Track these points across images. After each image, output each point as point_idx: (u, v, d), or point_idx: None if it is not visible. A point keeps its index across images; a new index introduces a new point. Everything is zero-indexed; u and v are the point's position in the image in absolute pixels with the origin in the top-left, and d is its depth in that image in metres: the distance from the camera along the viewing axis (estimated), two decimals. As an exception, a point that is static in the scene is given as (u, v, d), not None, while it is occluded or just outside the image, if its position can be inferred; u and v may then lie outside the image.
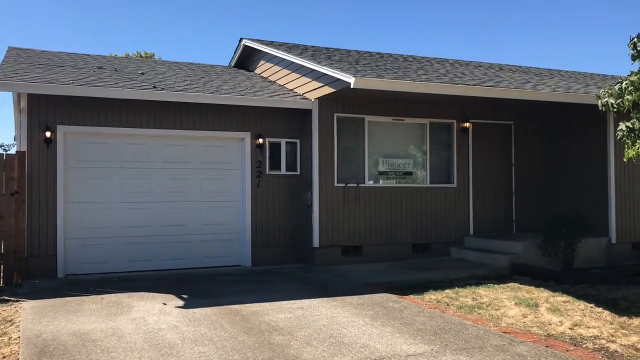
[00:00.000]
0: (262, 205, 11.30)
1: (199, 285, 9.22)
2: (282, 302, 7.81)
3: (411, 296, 8.27)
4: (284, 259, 11.37)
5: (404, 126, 12.07)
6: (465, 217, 12.32)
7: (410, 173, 12.02)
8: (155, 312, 7.24)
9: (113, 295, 8.32)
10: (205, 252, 11.04)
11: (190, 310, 7.32)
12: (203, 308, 7.44)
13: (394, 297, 8.18)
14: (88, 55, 13.87)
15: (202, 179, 11.09)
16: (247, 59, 14.57)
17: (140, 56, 30.42)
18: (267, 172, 11.36)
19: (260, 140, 11.24)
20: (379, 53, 14.40)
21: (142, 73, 11.93)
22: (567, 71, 16.12)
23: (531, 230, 12.23)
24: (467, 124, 12.36)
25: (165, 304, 7.73)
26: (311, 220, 10.99)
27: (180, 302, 7.86)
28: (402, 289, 8.78)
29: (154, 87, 10.44)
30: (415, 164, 12.12)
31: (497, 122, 12.81)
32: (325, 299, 8.01)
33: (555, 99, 11.20)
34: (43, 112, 9.87)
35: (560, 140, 12.71)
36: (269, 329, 6.44)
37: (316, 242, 10.90)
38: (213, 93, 10.69)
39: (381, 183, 11.70)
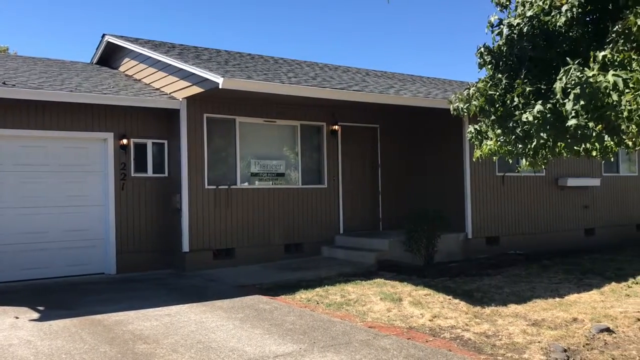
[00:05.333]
0: (127, 210, 10.81)
1: (58, 296, 8.64)
2: (148, 309, 7.52)
3: (282, 296, 8.32)
4: (153, 265, 10.95)
5: (276, 128, 12.14)
6: (335, 217, 12.62)
7: (282, 174, 12.11)
8: (6, 327, 6.66)
9: (-44, 311, 7.54)
10: (66, 261, 10.36)
11: (47, 323, 6.83)
12: (61, 320, 6.97)
13: (265, 298, 8.18)
14: None
15: (61, 183, 10.39)
16: (110, 56, 13.89)
17: (-8, 50, 27.91)
18: (132, 175, 10.88)
19: (125, 141, 10.75)
20: (249, 54, 14.37)
21: (-10, 68, 10.95)
22: (428, 77, 17.10)
23: (397, 228, 12.78)
24: (336, 127, 12.69)
25: (17, 317, 7.14)
26: (180, 224, 10.69)
27: (36, 315, 7.31)
28: (274, 289, 8.81)
29: (4, 83, 9.61)
30: (288, 165, 12.23)
31: (364, 125, 13.28)
32: (194, 304, 7.83)
33: (417, 104, 11.82)
34: None
35: (424, 142, 13.43)
36: (133, 338, 6.17)
37: (186, 246, 10.63)
38: (72, 91, 10.05)
39: (254, 185, 11.67)
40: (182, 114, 10.77)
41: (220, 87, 9.37)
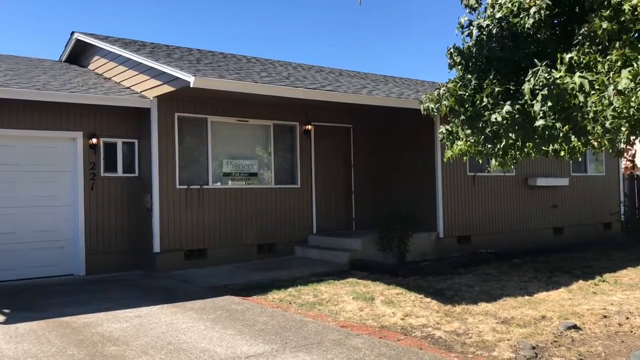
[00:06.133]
0: (97, 210, 10.64)
1: (25, 298, 8.47)
2: (118, 311, 7.42)
3: (255, 297, 8.29)
4: (124, 265, 10.81)
5: (249, 127, 12.08)
6: (308, 217, 12.61)
7: (255, 174, 12.05)
8: (-30, 331, 6.51)
9: None
10: (35, 262, 10.16)
11: (13, 326, 6.69)
12: (28, 322, 6.84)
13: (237, 299, 8.14)
14: None
15: (30, 183, 10.19)
16: (80, 54, 13.66)
17: (-43, 46, 27.24)
18: (102, 174, 10.73)
19: (94, 141, 10.59)
20: (222, 53, 14.27)
21: (-46, 65, 10.68)
22: (400, 78, 17.19)
23: (370, 228, 12.82)
24: (310, 127, 12.68)
25: (-18, 321, 6.99)
26: (151, 224, 10.57)
27: (1, 318, 7.17)
28: (246, 290, 8.78)
29: (-31, 80, 9.40)
30: (261, 165, 12.18)
31: (338, 124, 13.31)
32: (165, 305, 7.75)
33: (389, 104, 11.88)
34: None
35: (396, 142, 13.50)
36: (102, 340, 6.08)
37: (157, 247, 10.51)
38: (39, 89, 9.86)
39: (226, 184, 11.59)
40: (152, 113, 10.65)
41: (191, 86, 9.29)
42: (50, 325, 6.70)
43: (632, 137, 4.88)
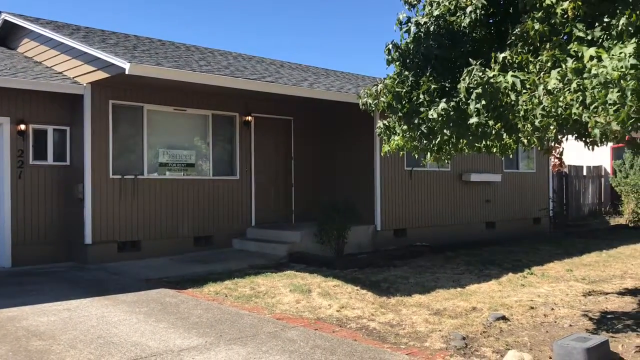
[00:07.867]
0: (24, 199, 10.19)
1: (-56, 292, 8.03)
2: (45, 304, 7.14)
3: (190, 290, 8.16)
4: (53, 257, 10.41)
5: (187, 117, 11.85)
6: (247, 209, 12.51)
7: (193, 165, 11.84)
8: None
9: None
10: (-45, 254, 9.65)
11: None
12: (-54, 318, 6.48)
13: (171, 292, 7.99)
14: None
15: (-50, 170, 9.66)
16: (7, 36, 13.00)
17: None
18: (31, 163, 10.27)
19: (22, 127, 10.12)
20: (160, 40, 13.92)
21: None
22: (342, 72, 17.28)
23: (309, 220, 12.83)
24: (250, 118, 12.56)
25: None
26: (83, 215, 10.21)
27: None
28: (181, 283, 8.63)
29: None
30: (199, 155, 11.97)
31: (278, 117, 13.24)
32: (96, 298, 7.52)
33: (330, 97, 11.92)
34: None
35: (337, 135, 13.57)
36: (27, 334, 5.84)
37: (89, 238, 10.17)
38: (-37, 71, 9.35)
39: (162, 175, 11.33)
40: (85, 99, 10.27)
41: (127, 72, 9.01)
42: (-29, 320, 6.39)
43: (559, 136, 5.08)
